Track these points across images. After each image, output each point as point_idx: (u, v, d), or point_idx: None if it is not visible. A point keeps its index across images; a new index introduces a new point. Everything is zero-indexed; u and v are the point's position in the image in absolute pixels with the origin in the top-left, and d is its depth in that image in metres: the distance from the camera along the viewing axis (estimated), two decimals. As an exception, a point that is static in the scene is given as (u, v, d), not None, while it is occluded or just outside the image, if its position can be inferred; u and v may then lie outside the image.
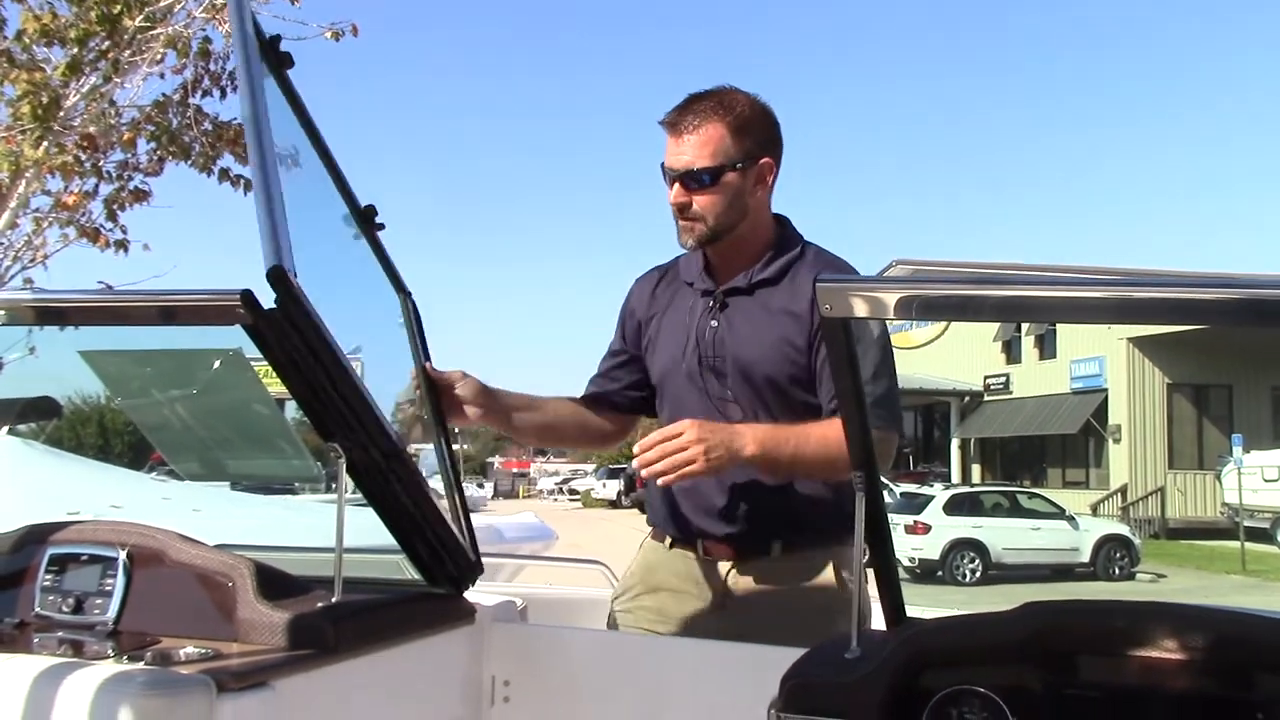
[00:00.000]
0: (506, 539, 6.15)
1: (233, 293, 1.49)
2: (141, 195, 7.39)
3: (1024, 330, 31.26)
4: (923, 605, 2.18)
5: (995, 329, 31.67)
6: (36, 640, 1.70)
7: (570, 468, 65.34)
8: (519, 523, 7.07)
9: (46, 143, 6.31)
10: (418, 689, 1.97)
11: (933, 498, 20.42)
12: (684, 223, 2.28)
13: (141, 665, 1.57)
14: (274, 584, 1.78)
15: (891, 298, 1.40)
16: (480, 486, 49.84)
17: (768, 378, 2.27)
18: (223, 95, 7.38)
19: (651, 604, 2.38)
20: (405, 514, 1.87)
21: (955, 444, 34.22)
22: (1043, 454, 32.33)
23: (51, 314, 1.80)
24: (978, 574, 19.07)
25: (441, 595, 1.99)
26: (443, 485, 2.14)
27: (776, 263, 2.33)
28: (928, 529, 19.04)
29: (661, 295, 2.47)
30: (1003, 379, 32.57)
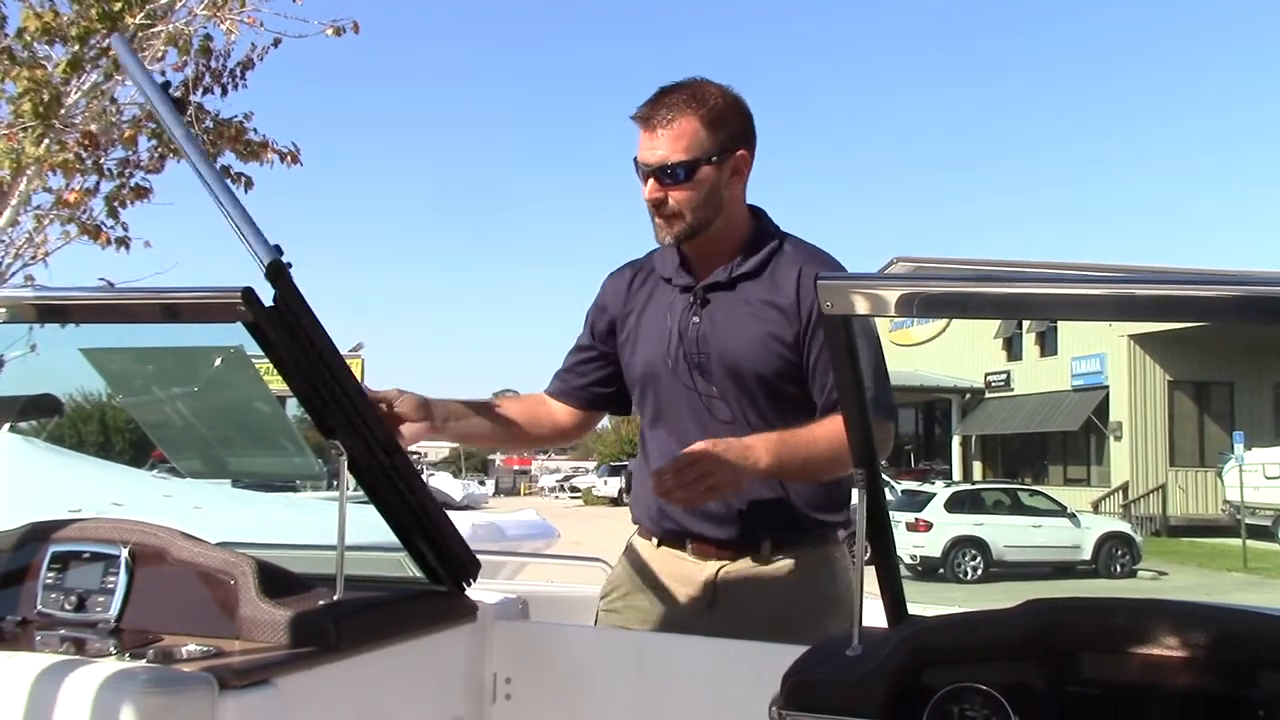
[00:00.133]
0: (508, 536, 6.16)
1: (234, 290, 1.50)
2: (142, 193, 7.39)
3: (1025, 327, 31.22)
4: (924, 603, 2.18)
5: (996, 326, 31.60)
6: (39, 638, 1.70)
7: (572, 465, 65.33)
8: (521, 520, 7.08)
9: (48, 140, 6.32)
10: (420, 686, 1.97)
11: (934, 495, 20.42)
12: (661, 219, 2.23)
13: (143, 663, 1.57)
14: (276, 582, 1.78)
15: (892, 295, 1.40)
16: (481, 484, 49.94)
17: (754, 373, 2.24)
18: (224, 93, 7.39)
19: (640, 603, 2.36)
20: (407, 511, 1.87)
21: (956, 441, 34.18)
22: (1044, 451, 32.31)
23: (53, 311, 1.80)
24: (979, 571, 19.07)
25: (443, 593, 1.99)
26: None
27: (756, 256, 2.29)
28: (929, 526, 19.05)
29: (638, 292, 2.42)
30: (1004, 376, 32.53)
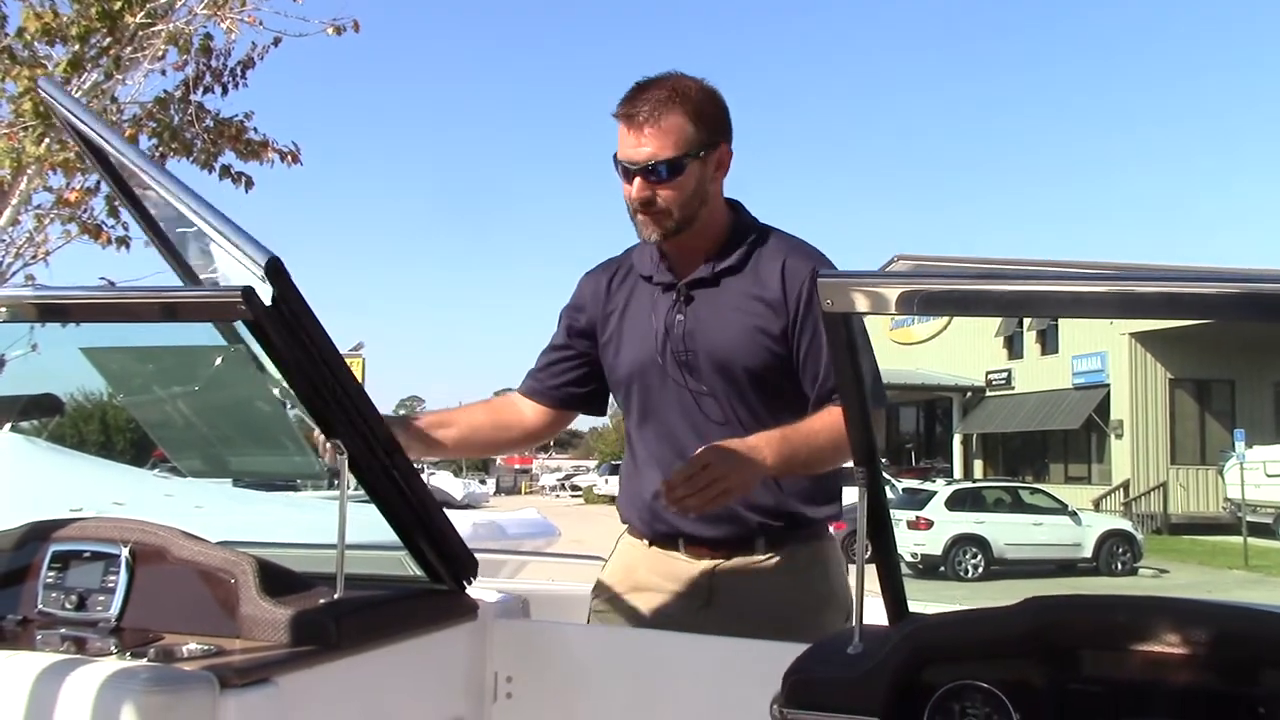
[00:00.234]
0: (509, 535, 6.15)
1: (234, 289, 1.50)
2: (143, 192, 7.38)
3: (1026, 325, 31.22)
4: (925, 601, 2.18)
5: (997, 324, 31.59)
6: (39, 637, 1.70)
7: (572, 464, 65.36)
8: (521, 519, 7.07)
9: (48, 139, 6.32)
10: (420, 685, 1.97)
11: (935, 493, 20.40)
12: (646, 217, 2.20)
13: (144, 662, 1.57)
14: (276, 580, 1.78)
15: (893, 292, 1.39)
16: (482, 483, 49.97)
17: (743, 367, 2.22)
18: (224, 92, 7.39)
19: (633, 603, 2.33)
20: (407, 510, 1.87)
21: (957, 439, 34.17)
22: (1045, 449, 32.30)
23: (54, 311, 1.80)
24: (980, 569, 19.05)
25: (444, 591, 1.99)
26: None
27: (737, 249, 2.27)
28: (930, 524, 19.03)
29: (617, 292, 2.38)
30: (1005, 374, 32.51)
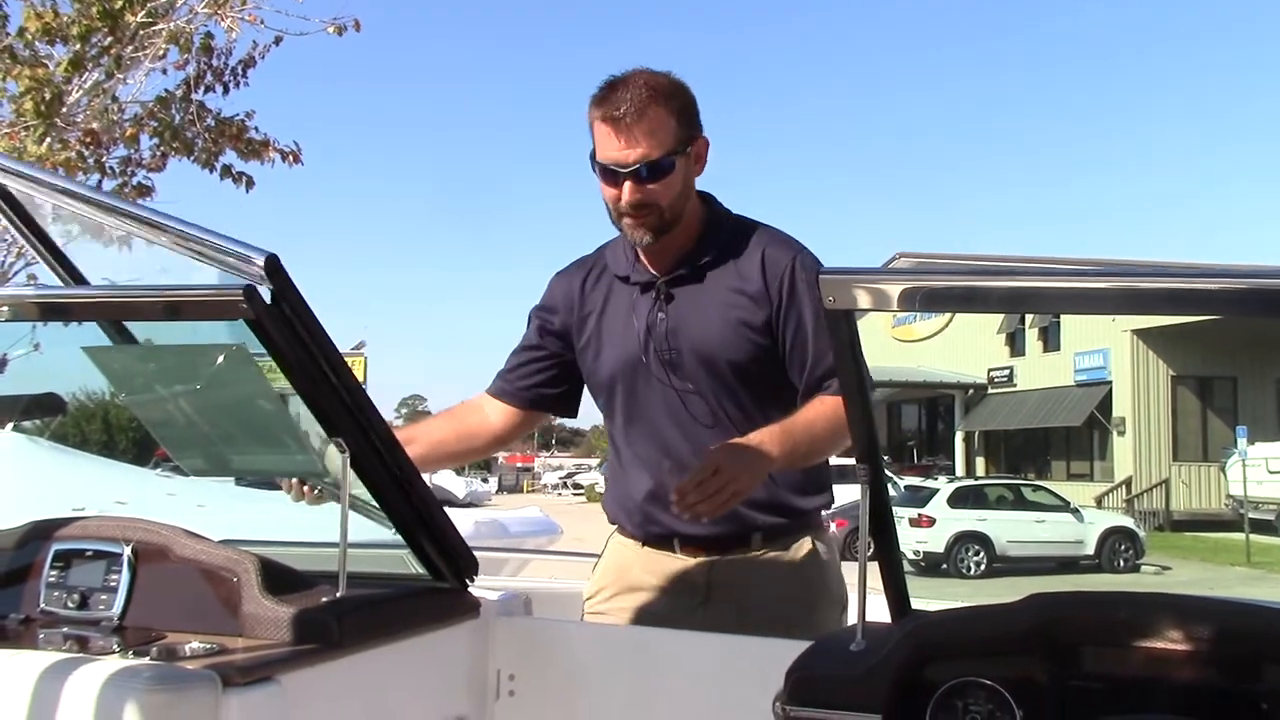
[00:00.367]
0: (511, 533, 6.15)
1: (236, 287, 1.50)
2: (144, 191, 7.40)
3: (1028, 323, 31.21)
4: (927, 598, 2.18)
5: (999, 322, 31.58)
6: (42, 636, 1.70)
7: (575, 462, 65.38)
8: (524, 517, 7.06)
9: (50, 139, 6.33)
10: (423, 683, 1.97)
11: (937, 491, 20.41)
12: (635, 219, 2.15)
13: (147, 660, 1.57)
14: (279, 579, 1.77)
15: (896, 289, 1.39)
16: (484, 481, 50.02)
17: (729, 361, 2.19)
18: (225, 91, 7.41)
19: (629, 603, 2.31)
20: (409, 508, 1.87)
21: (959, 437, 34.16)
22: (1047, 447, 32.29)
23: (56, 310, 1.80)
24: (982, 567, 19.06)
25: (446, 589, 1.99)
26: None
27: (714, 243, 2.24)
28: (932, 522, 19.03)
29: (592, 293, 2.33)
30: (1007, 372, 32.51)
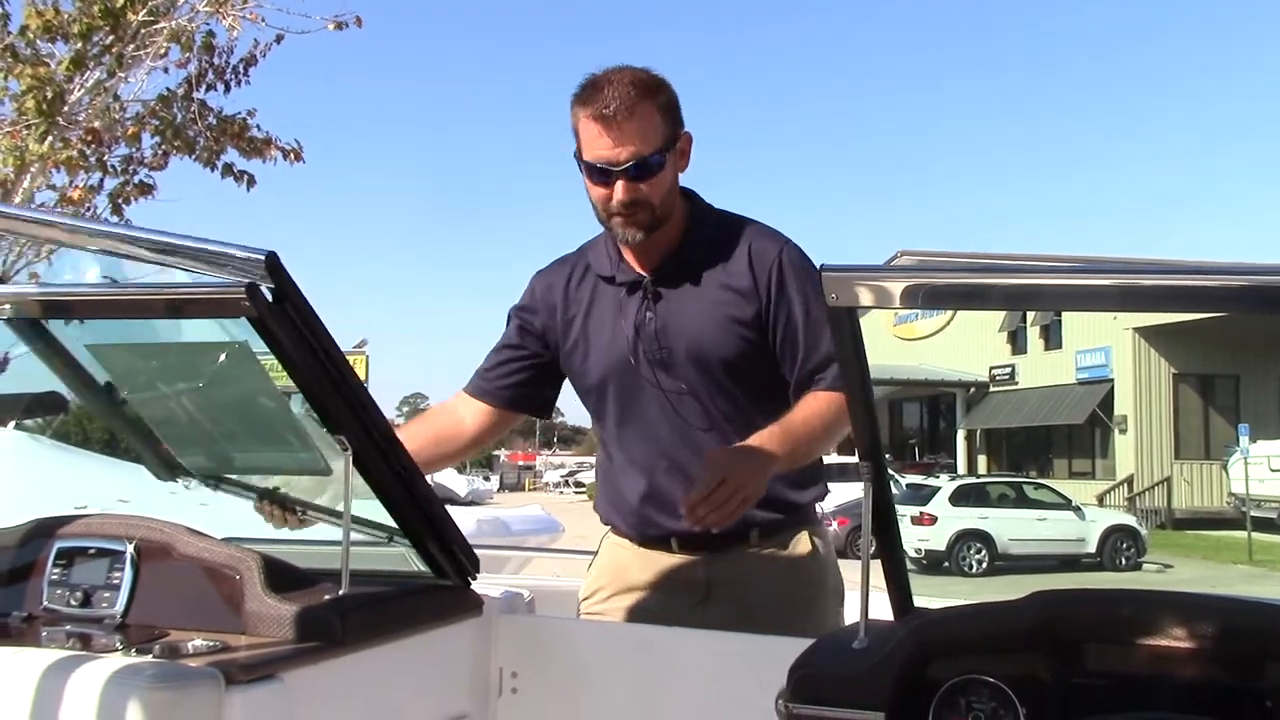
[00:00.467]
0: (513, 531, 6.15)
1: (238, 285, 1.50)
2: (146, 189, 7.41)
3: (1029, 321, 31.18)
4: (929, 596, 2.18)
5: (1000, 320, 31.57)
6: (45, 634, 1.71)
7: (576, 460, 65.41)
8: (525, 515, 7.06)
9: (51, 138, 6.34)
10: (425, 681, 1.97)
11: (939, 489, 20.39)
12: (627, 218, 2.12)
13: (149, 658, 1.57)
14: (281, 577, 1.78)
15: (897, 286, 1.39)
16: (486, 480, 50.08)
17: (719, 358, 2.17)
18: (226, 89, 7.41)
19: (627, 603, 2.30)
20: (411, 506, 1.87)
21: (961, 435, 34.13)
22: (1049, 445, 32.26)
23: (58, 308, 1.80)
24: (984, 565, 19.05)
25: (449, 587, 1.99)
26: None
27: (699, 239, 2.21)
28: (934, 520, 19.02)
29: (576, 293, 2.29)
30: (1008, 370, 32.48)
